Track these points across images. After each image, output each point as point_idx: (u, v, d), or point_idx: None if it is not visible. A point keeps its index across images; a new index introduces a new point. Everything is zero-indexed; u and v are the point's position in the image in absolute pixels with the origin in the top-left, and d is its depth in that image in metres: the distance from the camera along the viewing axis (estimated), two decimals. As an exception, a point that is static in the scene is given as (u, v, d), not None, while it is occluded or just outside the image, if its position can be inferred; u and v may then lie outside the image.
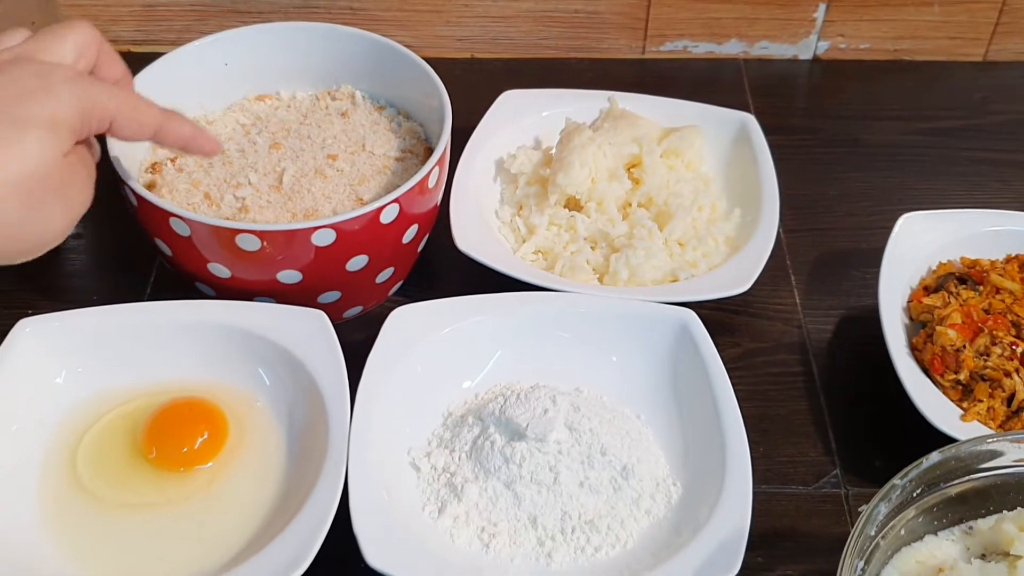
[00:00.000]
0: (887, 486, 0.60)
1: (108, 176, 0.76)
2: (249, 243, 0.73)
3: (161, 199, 0.76)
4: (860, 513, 0.59)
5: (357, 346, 0.76)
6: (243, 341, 0.76)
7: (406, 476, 0.73)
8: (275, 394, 0.76)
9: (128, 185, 0.75)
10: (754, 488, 0.69)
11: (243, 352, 0.76)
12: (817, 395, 0.82)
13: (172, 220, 0.74)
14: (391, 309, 0.78)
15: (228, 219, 0.78)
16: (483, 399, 0.77)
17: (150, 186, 0.81)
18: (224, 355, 0.76)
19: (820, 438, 0.80)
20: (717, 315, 0.86)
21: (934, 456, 0.61)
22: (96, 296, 0.87)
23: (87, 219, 0.92)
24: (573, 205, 0.91)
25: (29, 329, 0.74)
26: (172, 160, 0.83)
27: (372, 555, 0.64)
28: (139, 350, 0.76)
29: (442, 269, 0.90)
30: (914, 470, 0.60)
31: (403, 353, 0.76)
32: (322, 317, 0.76)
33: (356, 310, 0.86)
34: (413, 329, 0.77)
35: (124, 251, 0.91)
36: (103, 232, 0.93)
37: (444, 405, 0.78)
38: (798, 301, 0.89)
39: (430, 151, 0.84)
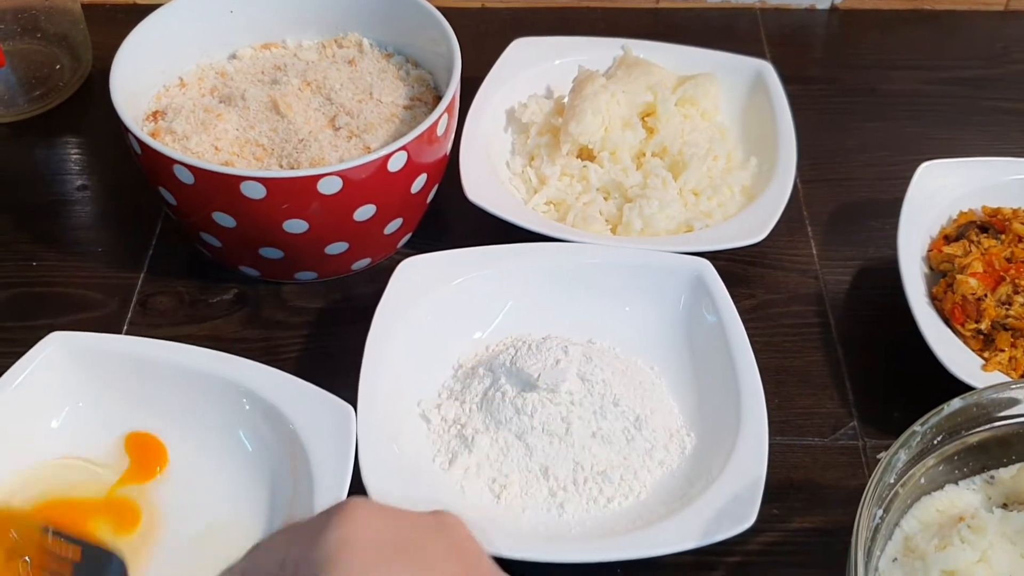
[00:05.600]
0: (907, 433, 0.58)
1: (113, 126, 0.76)
2: (254, 191, 0.72)
3: (165, 146, 0.74)
4: (879, 461, 0.57)
5: (365, 299, 0.75)
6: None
7: (416, 428, 0.72)
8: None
9: (131, 132, 0.74)
10: (769, 440, 0.68)
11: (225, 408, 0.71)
12: (834, 346, 0.81)
13: (176, 167, 0.72)
14: (400, 261, 0.76)
15: (232, 167, 0.77)
16: (494, 350, 0.76)
17: (154, 134, 0.80)
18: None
19: (837, 389, 0.78)
20: (732, 267, 0.84)
21: (955, 403, 0.60)
22: (101, 248, 0.86)
23: (92, 171, 0.93)
24: (586, 155, 0.89)
25: None
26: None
27: (381, 506, 0.63)
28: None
29: (452, 221, 0.89)
30: (934, 417, 0.59)
31: (412, 304, 0.75)
32: (349, 413, 0.68)
33: (364, 262, 0.84)
34: (423, 280, 0.76)
35: (129, 203, 0.90)
36: (108, 184, 0.92)
37: (454, 357, 0.76)
38: (815, 252, 0.88)
39: (439, 99, 0.83)
